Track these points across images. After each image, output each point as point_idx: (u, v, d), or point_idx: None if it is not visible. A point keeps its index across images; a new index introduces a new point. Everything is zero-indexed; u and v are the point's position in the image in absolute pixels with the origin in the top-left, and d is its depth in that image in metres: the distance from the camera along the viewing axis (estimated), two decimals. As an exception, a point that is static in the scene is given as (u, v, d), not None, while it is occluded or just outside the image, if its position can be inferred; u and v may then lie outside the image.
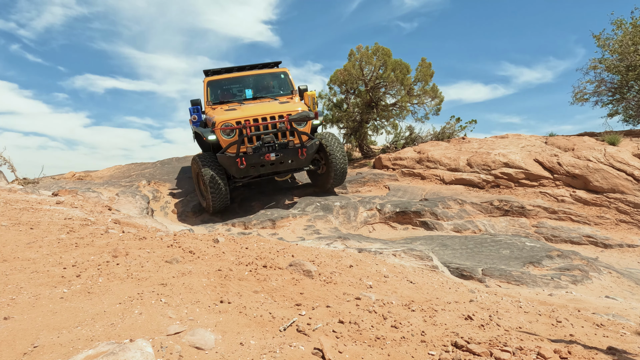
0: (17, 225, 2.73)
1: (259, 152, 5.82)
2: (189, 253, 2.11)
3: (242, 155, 5.74)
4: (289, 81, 7.42)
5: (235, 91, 7.24)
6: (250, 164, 5.80)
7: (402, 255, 2.65)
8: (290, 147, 5.94)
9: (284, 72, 7.48)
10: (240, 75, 7.34)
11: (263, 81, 7.51)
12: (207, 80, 7.02)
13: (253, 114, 5.92)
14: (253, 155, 5.79)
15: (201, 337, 1.26)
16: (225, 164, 5.91)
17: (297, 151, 5.97)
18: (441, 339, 1.31)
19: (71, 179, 8.56)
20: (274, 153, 5.83)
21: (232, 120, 5.79)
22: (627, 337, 1.47)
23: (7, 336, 1.27)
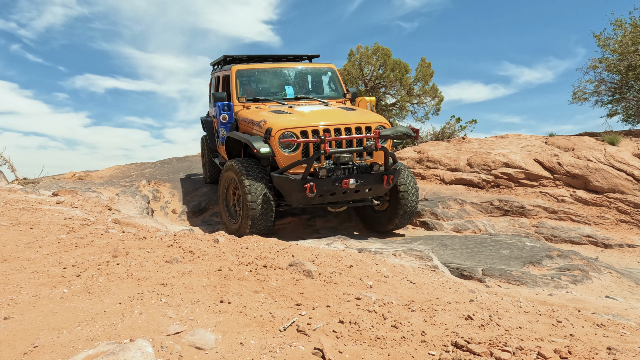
0: (17, 225, 2.73)
1: (334, 176, 4.24)
2: (189, 253, 2.11)
3: (312, 179, 4.11)
4: (338, 81, 5.93)
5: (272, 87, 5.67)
6: (322, 191, 4.23)
7: (402, 255, 2.65)
8: (374, 172, 4.43)
9: (330, 68, 5.96)
10: (279, 68, 5.76)
11: (307, 78, 5.99)
12: (236, 70, 5.44)
13: (331, 122, 4.38)
14: (326, 180, 4.19)
15: (201, 337, 1.26)
16: (285, 188, 4.32)
17: (381, 178, 4.43)
18: (441, 339, 1.31)
19: (71, 179, 8.56)
20: (354, 179, 4.27)
21: (296, 129, 4.25)
22: (627, 337, 1.47)
23: (7, 336, 1.27)
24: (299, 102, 5.40)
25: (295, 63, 5.97)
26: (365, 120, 4.54)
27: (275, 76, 5.78)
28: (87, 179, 8.53)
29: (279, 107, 5.09)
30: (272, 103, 5.30)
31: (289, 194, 4.36)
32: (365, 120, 4.56)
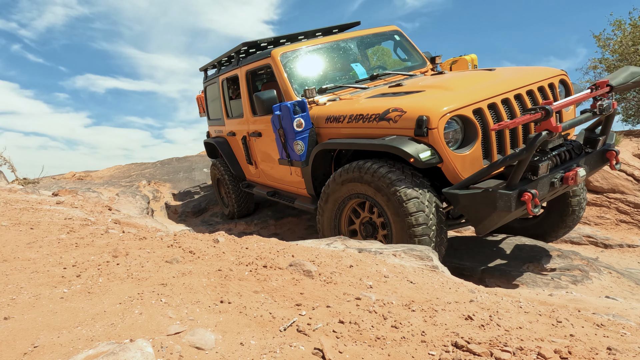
0: (17, 225, 2.73)
1: (556, 171, 2.69)
2: (189, 253, 2.11)
3: (528, 185, 2.54)
4: (411, 45, 4.39)
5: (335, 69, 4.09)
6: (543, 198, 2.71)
7: (402, 255, 2.65)
8: (597, 151, 2.93)
9: (396, 31, 4.40)
10: (336, 41, 4.15)
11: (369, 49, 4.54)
12: (280, 54, 3.86)
13: (508, 88, 2.87)
14: (545, 181, 2.63)
15: (201, 337, 1.26)
16: (479, 209, 2.62)
17: (605, 157, 2.97)
18: (441, 339, 1.31)
19: (71, 179, 8.56)
20: (582, 167, 2.73)
21: (466, 108, 2.69)
22: (627, 337, 1.47)
23: (7, 336, 1.27)
24: (376, 82, 3.89)
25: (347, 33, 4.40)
26: (544, 76, 3.07)
27: (336, 53, 4.17)
28: (87, 179, 8.53)
29: (375, 91, 3.54)
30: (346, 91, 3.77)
31: (484, 217, 2.62)
32: (544, 75, 3.08)
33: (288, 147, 3.66)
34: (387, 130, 2.95)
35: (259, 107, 3.77)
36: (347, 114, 3.28)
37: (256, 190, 5.05)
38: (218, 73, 5.34)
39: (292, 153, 3.65)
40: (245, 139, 4.79)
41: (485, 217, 2.65)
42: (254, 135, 4.57)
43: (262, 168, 4.72)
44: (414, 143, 2.73)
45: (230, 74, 4.93)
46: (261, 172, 4.79)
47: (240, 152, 5.13)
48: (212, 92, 5.71)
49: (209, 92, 5.84)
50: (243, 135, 4.83)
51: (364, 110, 3.17)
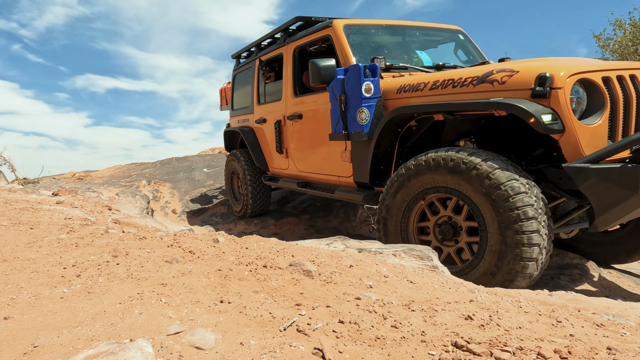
0: (17, 225, 2.73)
1: None
2: (189, 253, 2.11)
3: None
4: (473, 47, 4.18)
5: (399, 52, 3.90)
6: None
7: (402, 255, 2.65)
8: None
9: (460, 32, 4.22)
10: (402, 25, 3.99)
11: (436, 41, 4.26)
12: (344, 26, 3.62)
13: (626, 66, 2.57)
14: None
15: (201, 337, 1.26)
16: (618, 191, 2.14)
17: None
18: (441, 339, 1.31)
19: (71, 178, 8.56)
20: None
21: (595, 74, 2.37)
22: (627, 337, 1.47)
23: (7, 336, 1.27)
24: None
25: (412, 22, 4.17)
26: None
27: (402, 37, 3.95)
28: (87, 179, 8.53)
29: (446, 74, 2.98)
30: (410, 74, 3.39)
31: (615, 202, 2.19)
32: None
33: (348, 117, 3.19)
34: (488, 94, 2.46)
35: (314, 77, 3.34)
36: (429, 80, 2.84)
37: (283, 183, 4.72)
38: (255, 56, 5.09)
39: (352, 124, 3.17)
40: (279, 124, 4.54)
41: (617, 202, 2.19)
42: (292, 118, 4.28)
43: (296, 155, 4.40)
44: (532, 102, 2.30)
45: (271, 55, 4.69)
46: (293, 160, 4.46)
47: (266, 142, 4.95)
48: (243, 78, 5.61)
49: (239, 79, 5.77)
50: (277, 119, 4.60)
51: (455, 75, 2.72)
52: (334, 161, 3.78)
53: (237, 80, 5.88)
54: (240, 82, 5.74)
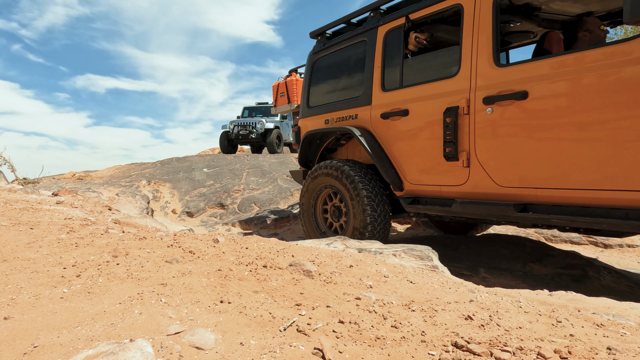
0: (17, 225, 2.73)
1: None
2: (189, 253, 2.11)
3: None
4: None
5: None
6: None
7: (402, 255, 2.65)
8: None
9: None
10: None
11: None
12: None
13: None
14: None
15: (201, 337, 1.26)
16: None
17: None
18: (441, 339, 1.31)
19: (71, 179, 8.57)
20: None
21: None
22: (627, 337, 1.47)
23: (7, 336, 1.27)
24: None
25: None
26: None
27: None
28: (87, 179, 8.53)
29: None
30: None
31: None
32: None
33: None
34: None
35: None
36: None
37: (459, 208, 3.13)
38: (375, 22, 3.81)
39: None
40: (454, 113, 3.03)
41: None
42: (499, 100, 2.77)
43: (501, 159, 2.84)
44: None
45: (435, 9, 3.26)
46: (487, 169, 2.93)
47: (406, 145, 3.49)
48: (338, 60, 4.23)
49: (326, 64, 4.37)
50: (445, 107, 3.10)
51: None
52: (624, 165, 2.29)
53: (322, 67, 4.42)
54: (332, 67, 4.30)
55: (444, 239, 4.90)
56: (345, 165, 3.83)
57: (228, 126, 14.30)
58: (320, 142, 4.49)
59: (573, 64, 2.49)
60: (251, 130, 13.82)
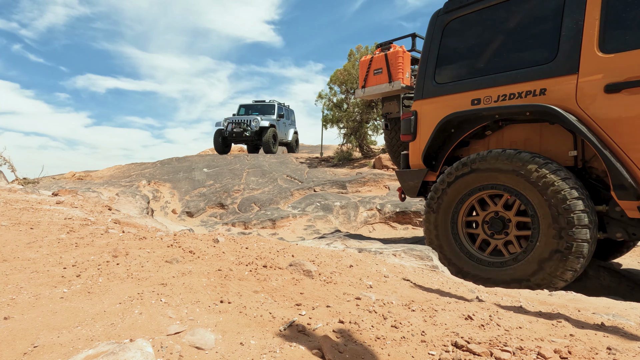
0: (17, 225, 2.73)
1: None
2: (189, 253, 2.11)
3: None
4: None
5: None
6: None
7: (402, 255, 2.65)
8: None
9: None
10: None
11: None
12: None
13: None
14: None
15: (201, 337, 1.26)
16: None
17: None
18: (441, 339, 1.31)
19: (71, 178, 8.57)
20: None
21: None
22: (627, 337, 1.47)
23: (7, 336, 1.27)
24: None
25: None
26: None
27: None
28: (87, 179, 8.54)
29: None
30: None
31: None
32: None
33: None
34: None
35: None
36: None
37: None
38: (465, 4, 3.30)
39: None
40: None
41: None
42: None
43: None
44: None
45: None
46: None
47: None
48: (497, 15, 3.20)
49: (474, 20, 3.35)
50: None
51: None
52: None
53: (460, 29, 3.44)
54: (481, 27, 3.33)
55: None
56: (548, 163, 2.76)
57: (222, 123, 13.64)
58: (457, 131, 3.38)
59: None
60: (245, 128, 13.12)
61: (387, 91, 4.26)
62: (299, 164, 9.98)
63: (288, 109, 16.13)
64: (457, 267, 3.15)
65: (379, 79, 4.26)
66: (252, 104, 15.28)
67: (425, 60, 3.60)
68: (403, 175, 3.75)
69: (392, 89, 4.21)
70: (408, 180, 3.72)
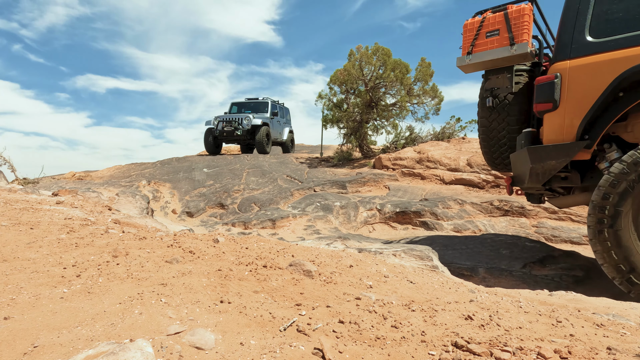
0: (17, 225, 2.73)
1: None
2: (189, 253, 2.11)
3: None
4: None
5: None
6: None
7: (402, 255, 2.65)
8: None
9: None
10: None
11: None
12: None
13: None
14: None
15: (201, 337, 1.26)
16: None
17: None
18: (441, 339, 1.31)
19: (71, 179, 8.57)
20: None
21: None
22: (627, 337, 1.47)
23: (7, 336, 1.27)
24: None
25: None
26: None
27: None
28: (87, 179, 8.54)
29: None
30: None
31: None
32: None
33: None
34: None
35: None
36: None
37: None
38: None
39: None
40: None
41: None
42: None
43: None
44: None
45: None
46: None
47: None
48: None
49: None
50: None
51: None
52: None
53: None
54: None
55: (444, 239, 4.90)
56: None
57: (212, 122, 12.62)
58: (629, 96, 2.74)
59: None
60: (236, 127, 12.27)
61: (506, 57, 3.38)
62: (299, 164, 9.99)
63: (282, 107, 15.01)
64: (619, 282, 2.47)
65: (493, 43, 3.43)
66: (245, 102, 14.21)
67: (573, 11, 2.96)
68: (539, 153, 2.93)
69: (513, 54, 3.34)
70: (547, 158, 2.90)
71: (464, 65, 3.59)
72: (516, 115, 3.43)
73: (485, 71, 3.67)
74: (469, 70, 3.57)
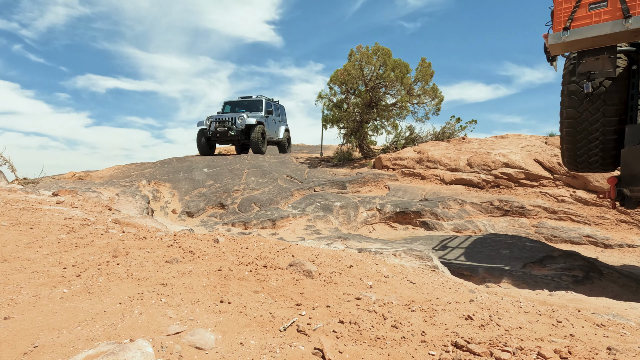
0: (17, 225, 2.73)
1: None
2: (189, 253, 2.11)
3: None
4: None
5: None
6: None
7: (402, 255, 2.65)
8: None
9: None
10: None
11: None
12: None
13: None
14: None
15: (201, 337, 1.26)
16: None
17: None
18: (441, 339, 1.31)
19: (71, 179, 8.57)
20: None
21: None
22: (627, 337, 1.47)
23: (7, 336, 1.27)
24: None
25: None
26: None
27: None
28: (87, 179, 8.54)
29: None
30: None
31: None
32: None
33: None
34: None
35: None
36: None
37: None
38: None
39: None
40: None
41: None
42: None
43: None
44: None
45: None
46: None
47: None
48: None
49: None
50: None
51: None
52: None
53: None
54: None
55: (444, 239, 4.90)
56: None
57: (205, 123, 12.04)
58: None
59: None
60: (230, 127, 11.67)
61: (618, 32, 2.79)
62: (299, 164, 9.99)
63: (278, 105, 14.35)
64: None
65: (600, 16, 2.83)
66: (238, 101, 13.55)
67: None
68: None
69: (628, 28, 2.76)
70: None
71: (558, 43, 2.89)
72: (616, 104, 2.83)
73: (578, 52, 2.98)
74: (561, 51, 2.88)
